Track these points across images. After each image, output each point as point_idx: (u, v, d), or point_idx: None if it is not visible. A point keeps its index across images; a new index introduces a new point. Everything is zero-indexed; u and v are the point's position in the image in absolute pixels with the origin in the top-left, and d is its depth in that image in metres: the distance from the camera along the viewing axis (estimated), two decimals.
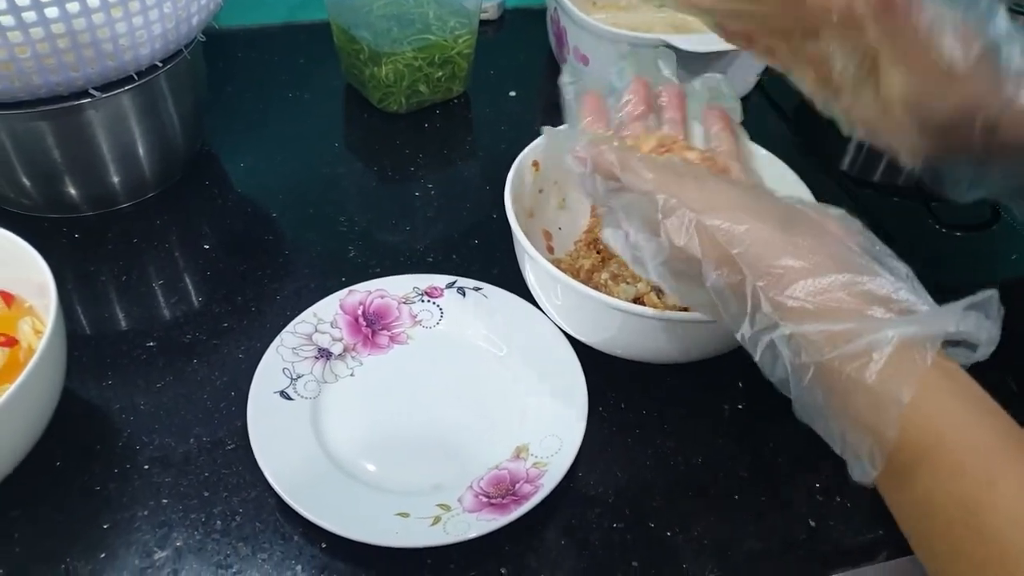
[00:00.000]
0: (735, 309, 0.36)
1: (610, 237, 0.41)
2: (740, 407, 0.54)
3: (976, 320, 0.32)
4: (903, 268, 0.35)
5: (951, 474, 0.31)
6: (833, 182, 0.74)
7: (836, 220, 0.37)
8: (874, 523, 0.48)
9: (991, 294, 0.33)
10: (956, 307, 0.33)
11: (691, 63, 0.72)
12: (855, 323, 0.33)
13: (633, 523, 0.47)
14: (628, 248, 0.40)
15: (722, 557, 0.46)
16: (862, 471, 0.33)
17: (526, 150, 0.57)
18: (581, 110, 0.49)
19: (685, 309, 0.54)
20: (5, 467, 0.44)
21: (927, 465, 0.31)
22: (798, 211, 0.37)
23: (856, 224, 0.37)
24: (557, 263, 0.54)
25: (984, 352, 0.33)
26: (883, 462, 0.32)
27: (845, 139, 0.73)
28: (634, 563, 0.45)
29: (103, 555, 0.45)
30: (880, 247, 0.36)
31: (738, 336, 0.36)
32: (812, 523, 0.48)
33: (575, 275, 0.53)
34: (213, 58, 0.73)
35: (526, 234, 0.51)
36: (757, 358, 0.36)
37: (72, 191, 0.62)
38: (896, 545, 0.49)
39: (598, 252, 0.59)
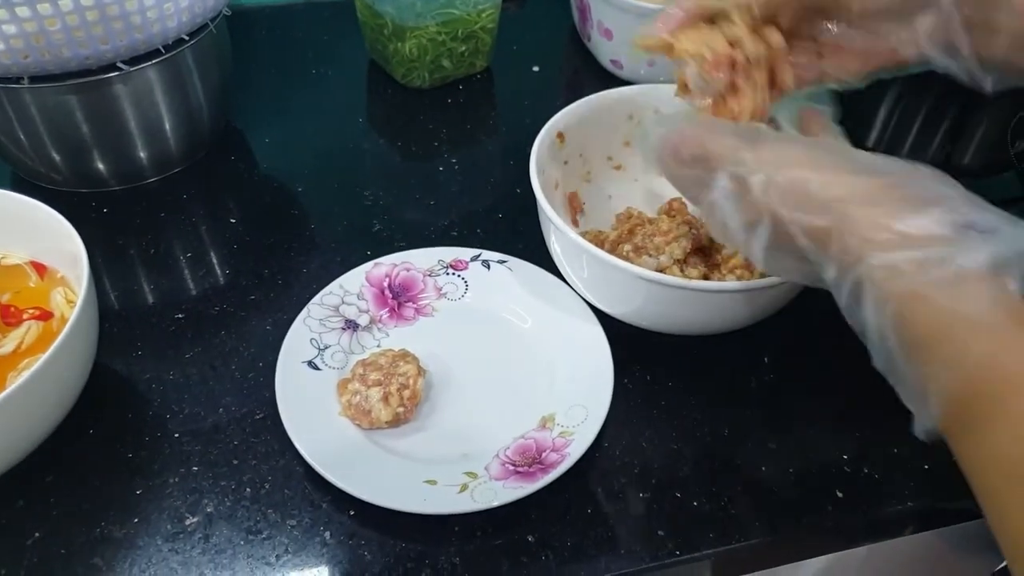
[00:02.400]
0: (821, 255, 0.36)
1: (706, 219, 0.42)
2: (767, 379, 0.54)
3: None
4: (987, 203, 0.35)
5: None
6: None
7: (920, 165, 0.37)
8: (902, 496, 0.48)
9: None
10: None
11: None
12: (944, 248, 0.32)
13: (659, 493, 0.47)
14: (722, 230, 0.41)
15: (748, 527, 0.46)
16: (924, 424, 0.33)
17: (551, 121, 0.56)
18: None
19: (707, 278, 0.53)
20: (42, 432, 0.45)
21: (1005, 419, 0.30)
22: (878, 159, 0.37)
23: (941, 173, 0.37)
24: (582, 235, 0.54)
25: None
26: (950, 404, 0.32)
27: (871, 115, 0.72)
28: (660, 532, 0.46)
29: (136, 519, 0.45)
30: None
31: (826, 279, 0.36)
32: (839, 494, 0.48)
33: (599, 246, 0.53)
34: (238, 36, 0.73)
35: (551, 205, 0.51)
36: (842, 302, 0.36)
37: (100, 166, 0.63)
38: (924, 519, 0.49)
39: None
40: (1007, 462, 0.30)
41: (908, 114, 0.71)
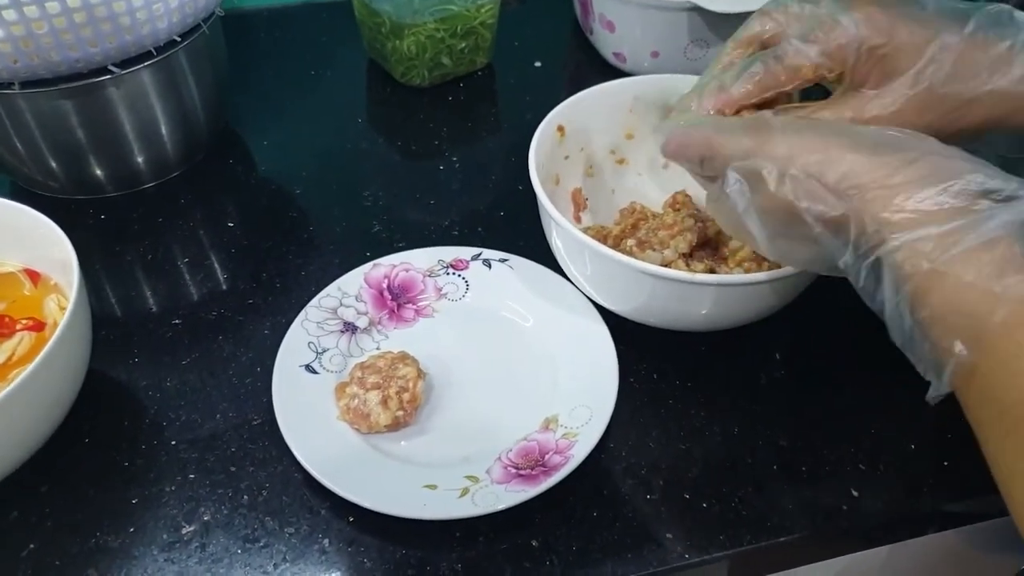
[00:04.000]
0: (836, 242, 0.36)
1: (713, 210, 0.42)
2: (777, 375, 0.52)
3: None
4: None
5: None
6: None
7: (929, 137, 0.37)
8: (921, 494, 0.46)
9: None
10: None
11: (721, 26, 0.70)
12: (961, 220, 0.32)
13: (667, 494, 0.46)
14: (730, 221, 0.41)
15: (760, 528, 0.44)
16: (939, 391, 0.34)
17: (551, 114, 0.55)
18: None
19: (713, 272, 0.52)
20: (34, 441, 0.44)
21: (1000, 365, 0.31)
22: (890, 135, 0.37)
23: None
24: (584, 231, 0.52)
25: None
26: (965, 374, 0.33)
27: None
28: (668, 535, 0.44)
29: (132, 529, 0.44)
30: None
31: (840, 265, 0.37)
32: (855, 493, 0.46)
33: (602, 242, 0.51)
34: (235, 38, 0.72)
35: (552, 201, 0.49)
36: (860, 284, 0.36)
37: (97, 171, 0.62)
38: (943, 517, 0.47)
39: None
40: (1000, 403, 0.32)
41: None
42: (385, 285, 0.55)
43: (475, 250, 0.57)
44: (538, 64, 0.80)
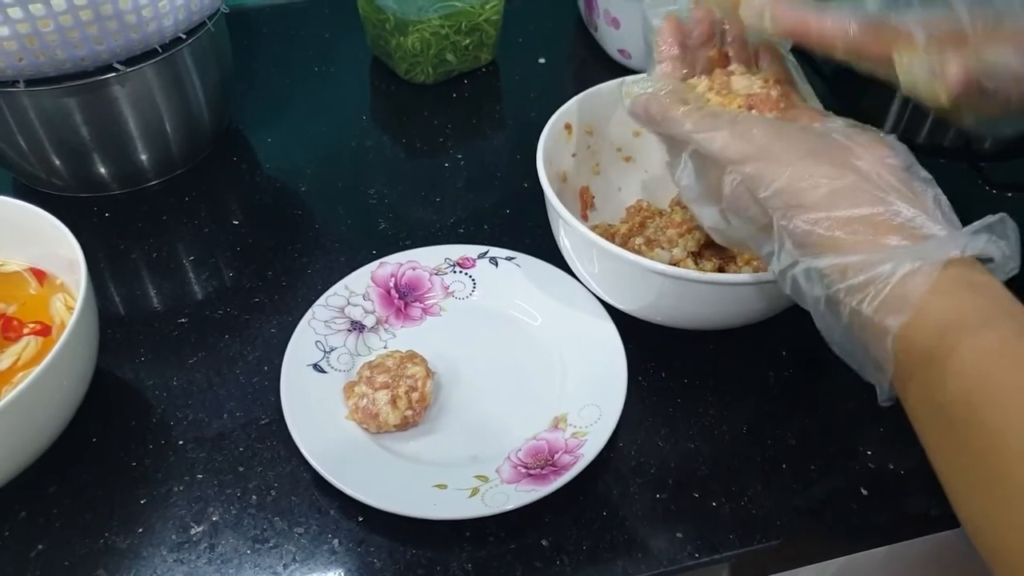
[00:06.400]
0: (766, 249, 0.38)
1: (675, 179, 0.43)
2: (786, 374, 0.52)
3: (986, 241, 0.33)
4: (930, 191, 0.36)
5: (954, 374, 0.31)
6: None
7: (866, 146, 0.37)
8: (930, 492, 0.46)
9: (1001, 216, 0.34)
10: (964, 231, 0.34)
11: None
12: (864, 255, 0.34)
13: (677, 493, 0.46)
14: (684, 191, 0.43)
15: (770, 527, 0.44)
16: (880, 395, 0.36)
17: (559, 112, 0.55)
18: (658, 41, 0.47)
19: (722, 271, 0.52)
20: (42, 442, 0.44)
21: (932, 367, 0.32)
22: (827, 143, 0.37)
23: (887, 145, 0.37)
24: (591, 229, 0.52)
25: (1004, 272, 0.34)
26: (889, 388, 0.35)
27: (886, 101, 0.70)
28: (679, 534, 0.44)
29: (140, 530, 0.44)
30: (912, 167, 0.37)
31: (770, 273, 0.39)
32: (864, 492, 0.46)
33: (610, 240, 0.51)
34: (238, 35, 0.72)
35: (559, 199, 0.49)
36: (788, 291, 0.38)
37: (101, 169, 0.62)
38: (951, 517, 0.47)
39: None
40: (940, 407, 0.33)
41: None
42: (392, 283, 0.55)
43: (482, 248, 0.57)
44: (542, 61, 0.80)
